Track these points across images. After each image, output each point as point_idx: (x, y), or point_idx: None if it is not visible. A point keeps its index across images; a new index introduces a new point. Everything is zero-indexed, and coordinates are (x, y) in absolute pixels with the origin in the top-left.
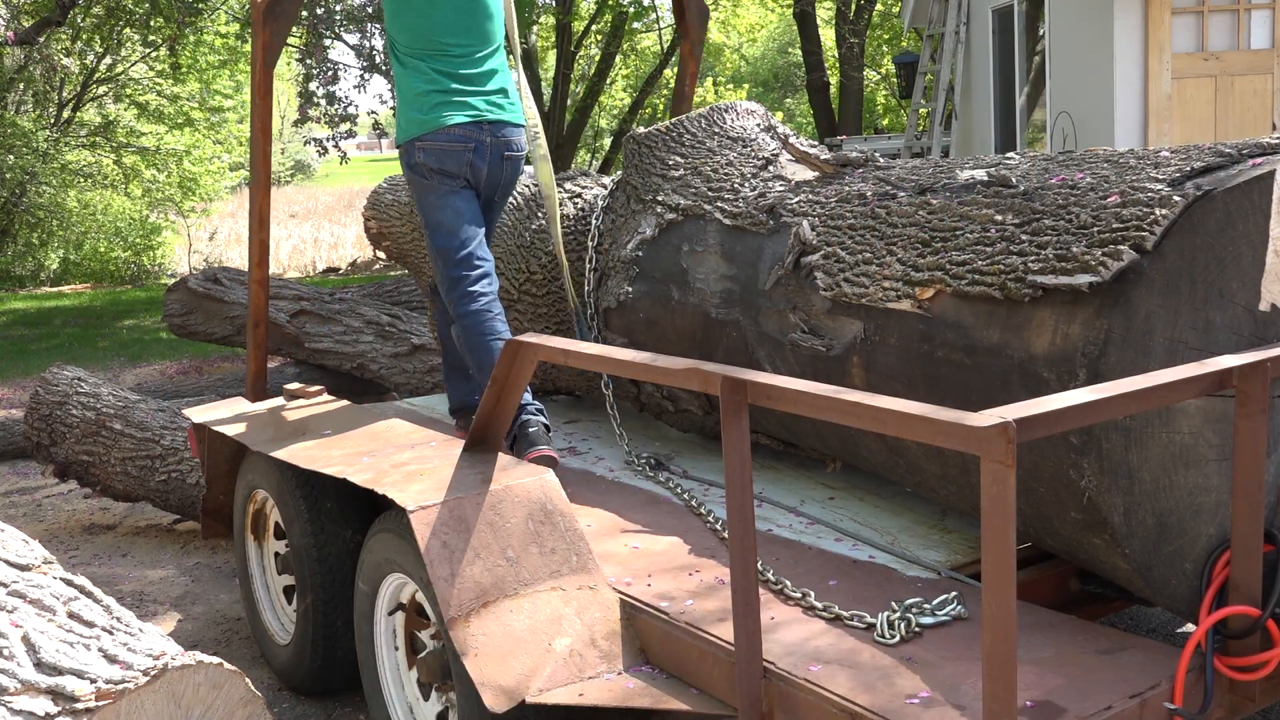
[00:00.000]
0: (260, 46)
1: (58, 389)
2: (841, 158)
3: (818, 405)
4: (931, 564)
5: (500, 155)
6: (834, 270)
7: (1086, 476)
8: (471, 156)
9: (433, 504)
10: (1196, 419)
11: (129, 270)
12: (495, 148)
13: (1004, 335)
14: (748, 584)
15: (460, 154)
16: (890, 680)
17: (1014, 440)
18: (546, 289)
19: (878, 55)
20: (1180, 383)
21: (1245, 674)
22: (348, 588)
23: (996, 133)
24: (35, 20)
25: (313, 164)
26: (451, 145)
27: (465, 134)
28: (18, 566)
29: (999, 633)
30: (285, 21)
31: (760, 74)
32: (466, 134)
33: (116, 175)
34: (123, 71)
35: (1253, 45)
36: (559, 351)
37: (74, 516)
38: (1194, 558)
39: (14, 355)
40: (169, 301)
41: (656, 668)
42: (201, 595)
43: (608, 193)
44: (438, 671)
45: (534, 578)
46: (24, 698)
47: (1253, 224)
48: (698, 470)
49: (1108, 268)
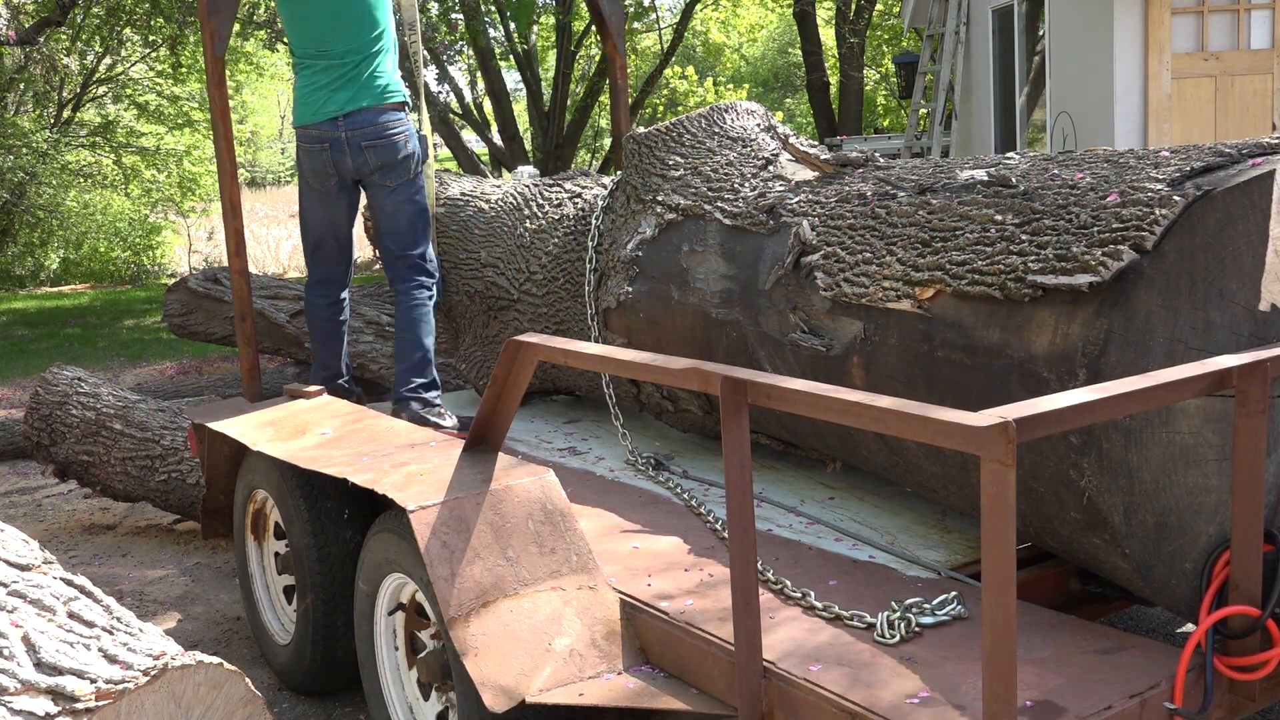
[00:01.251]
0: (208, 36)
1: (58, 389)
2: (841, 158)
3: (818, 405)
4: (931, 564)
5: (359, 145)
6: (834, 270)
7: (1086, 476)
8: (329, 154)
9: (433, 504)
10: (1196, 419)
11: (129, 270)
12: (352, 140)
13: (1004, 335)
14: (748, 584)
15: (319, 154)
16: (890, 680)
17: (1014, 440)
18: (546, 289)
19: (878, 55)
20: (1180, 383)
21: (1245, 674)
22: (348, 588)
23: (996, 133)
24: (35, 20)
25: None
26: (311, 146)
27: (320, 134)
28: (18, 566)
29: (999, 633)
30: (228, 14)
31: (760, 74)
32: (322, 133)
33: (116, 175)
34: (123, 72)
35: (1253, 45)
36: (559, 351)
37: (74, 516)
38: (1194, 558)
39: (14, 355)
40: (169, 301)
41: (656, 668)
42: (201, 595)
43: (608, 193)
44: (438, 671)
45: (534, 578)
46: (24, 698)
47: (1253, 224)
48: (698, 470)
49: (1108, 268)
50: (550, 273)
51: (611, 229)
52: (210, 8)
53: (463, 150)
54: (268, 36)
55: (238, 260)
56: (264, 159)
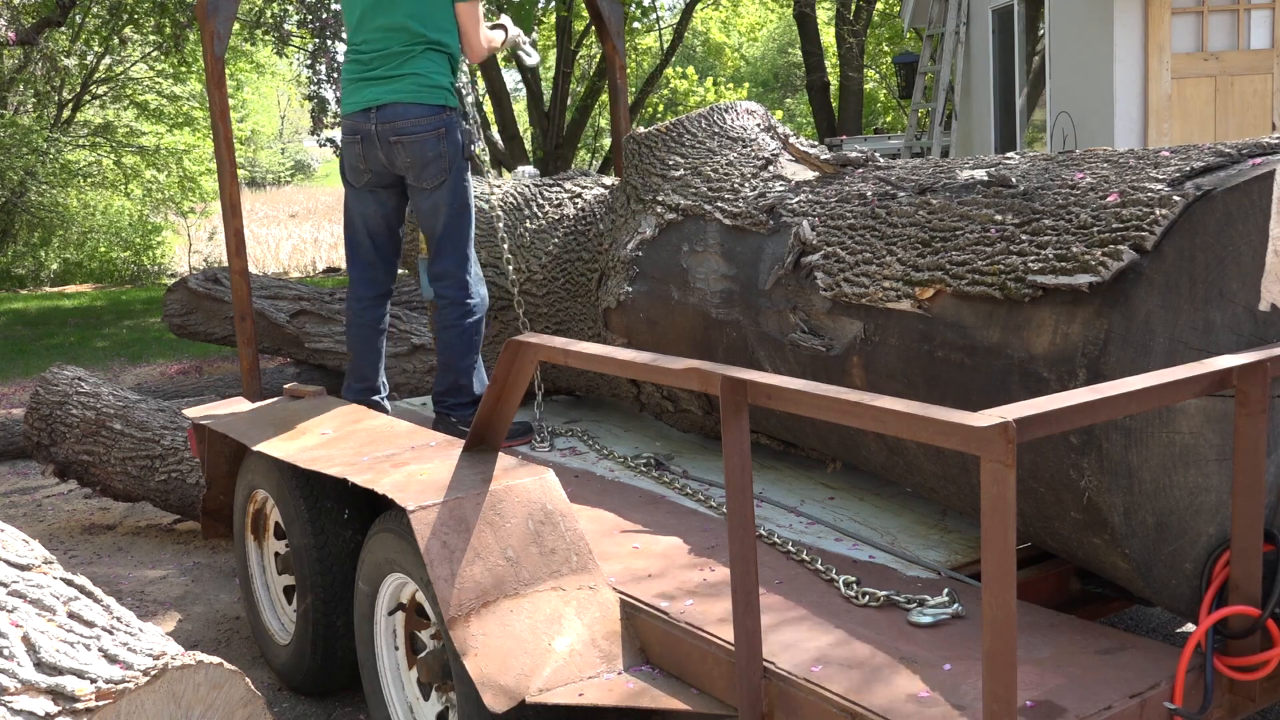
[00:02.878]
0: (208, 37)
1: (58, 389)
2: (841, 158)
3: (818, 405)
4: (931, 564)
5: (388, 140)
6: (834, 270)
7: (1086, 476)
8: (361, 147)
9: (433, 504)
10: (1196, 419)
11: (129, 270)
12: (381, 133)
13: (1004, 335)
14: (748, 584)
15: (353, 146)
16: (890, 680)
17: (1014, 440)
18: (546, 289)
19: (878, 55)
20: (1180, 383)
21: (1245, 674)
22: (348, 588)
23: (996, 133)
24: (35, 20)
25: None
26: (347, 139)
27: (354, 125)
28: (18, 566)
29: (999, 633)
30: (227, 14)
31: (760, 74)
32: (355, 125)
33: (116, 175)
34: (123, 72)
35: (1252, 45)
36: (559, 351)
37: (74, 516)
38: (1194, 558)
39: (14, 355)
40: (169, 301)
41: (656, 668)
42: (201, 595)
43: (608, 192)
44: (438, 671)
45: (534, 578)
46: (24, 698)
47: (1253, 224)
48: (698, 470)
49: (1108, 268)
50: (550, 273)
51: (611, 229)
52: (210, 8)
53: None
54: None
55: (238, 260)
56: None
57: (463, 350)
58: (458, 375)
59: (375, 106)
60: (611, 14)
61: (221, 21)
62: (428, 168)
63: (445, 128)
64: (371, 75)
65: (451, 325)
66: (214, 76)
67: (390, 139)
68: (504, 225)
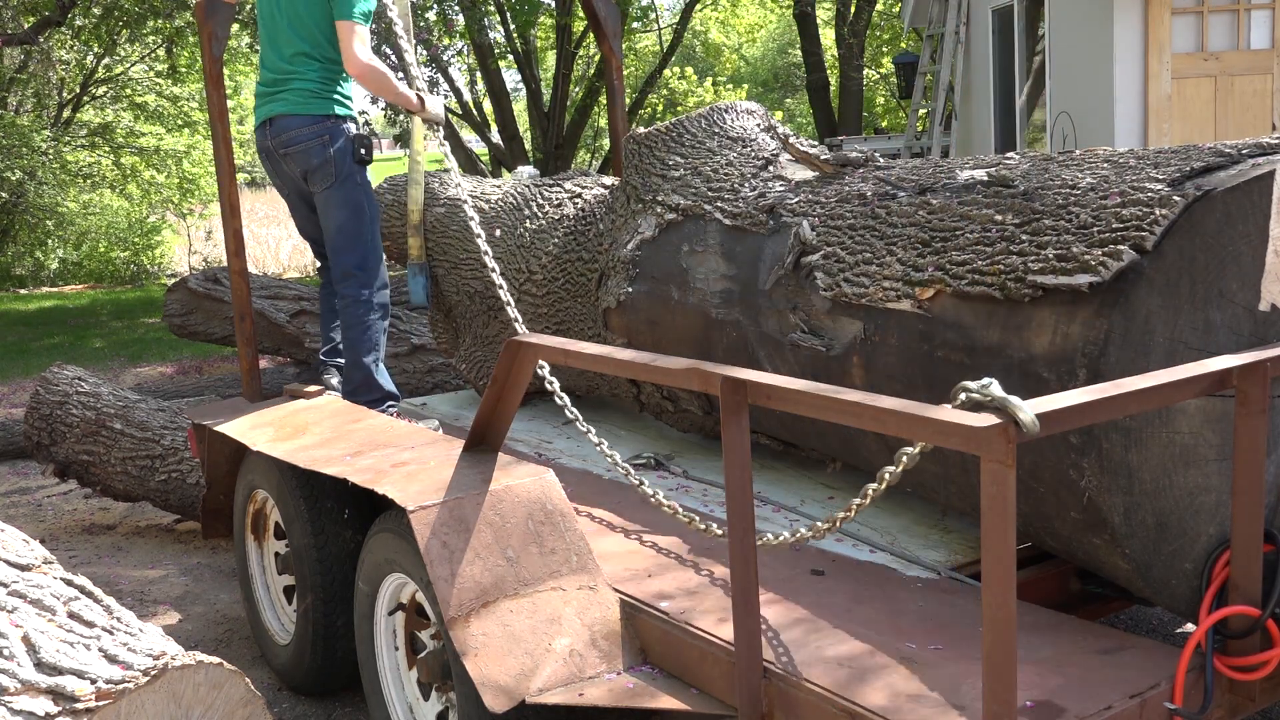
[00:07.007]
0: (206, 38)
1: (58, 389)
2: (841, 158)
3: (818, 405)
4: (931, 564)
5: (279, 153)
6: (834, 270)
7: (1086, 476)
8: (270, 164)
9: (433, 504)
10: (1196, 419)
11: (129, 270)
12: (274, 146)
13: (1004, 335)
14: (748, 584)
15: (264, 164)
16: (890, 680)
17: (1014, 440)
18: (546, 289)
19: (878, 55)
20: (1180, 383)
21: (1245, 674)
22: (348, 588)
23: (996, 133)
24: (35, 20)
25: None
26: (259, 153)
27: (259, 140)
28: (18, 566)
29: (999, 633)
30: (225, 16)
31: (760, 74)
32: (259, 140)
33: (116, 176)
34: (122, 72)
35: (1252, 45)
36: (559, 351)
37: (74, 516)
38: (1194, 558)
39: (14, 355)
40: (169, 301)
41: (656, 668)
42: (201, 595)
43: (608, 192)
44: (438, 671)
45: (534, 578)
46: (24, 698)
47: (1253, 224)
48: (698, 470)
49: (1108, 268)
50: (550, 273)
51: (611, 229)
52: (208, 10)
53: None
54: None
55: (237, 260)
56: None
57: (366, 348)
58: (365, 372)
59: (268, 120)
60: (608, 16)
61: (220, 23)
62: (314, 174)
63: (329, 135)
64: (266, 92)
65: (353, 324)
66: (212, 77)
67: (280, 151)
68: (479, 222)
